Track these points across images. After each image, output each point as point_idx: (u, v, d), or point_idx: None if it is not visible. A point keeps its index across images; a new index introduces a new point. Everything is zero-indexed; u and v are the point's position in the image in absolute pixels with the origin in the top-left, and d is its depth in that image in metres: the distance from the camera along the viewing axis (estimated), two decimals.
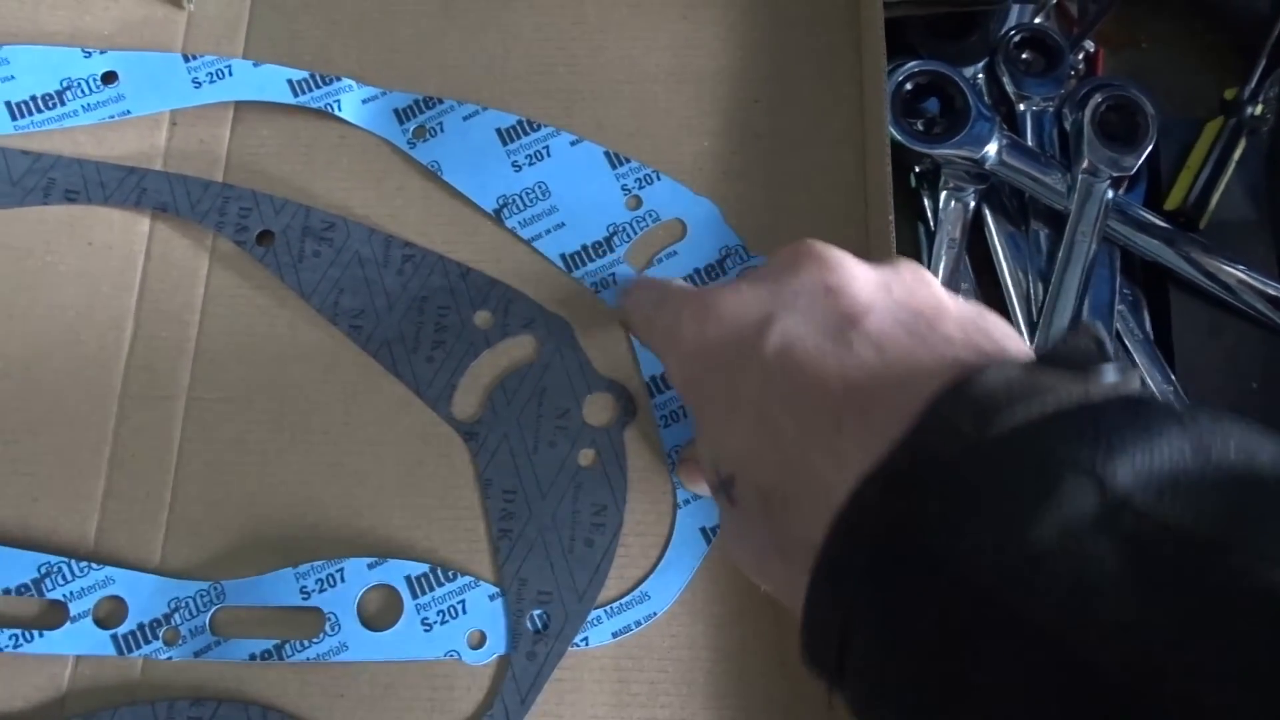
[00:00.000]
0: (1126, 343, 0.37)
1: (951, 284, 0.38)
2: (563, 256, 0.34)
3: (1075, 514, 0.16)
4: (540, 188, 0.35)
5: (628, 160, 0.35)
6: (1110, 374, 0.19)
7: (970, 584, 0.16)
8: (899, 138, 0.37)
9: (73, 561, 0.32)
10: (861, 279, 0.23)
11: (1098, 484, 0.16)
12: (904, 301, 0.22)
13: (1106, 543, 0.15)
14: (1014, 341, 0.22)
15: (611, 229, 0.34)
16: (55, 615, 0.31)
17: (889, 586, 0.18)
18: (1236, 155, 0.38)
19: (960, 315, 0.22)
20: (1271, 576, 0.14)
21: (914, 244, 0.39)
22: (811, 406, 0.21)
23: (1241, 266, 0.37)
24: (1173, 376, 0.37)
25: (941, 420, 0.18)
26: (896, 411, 0.19)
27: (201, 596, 0.32)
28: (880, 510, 0.18)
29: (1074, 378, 0.18)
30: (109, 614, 0.31)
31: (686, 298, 0.26)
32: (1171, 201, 0.38)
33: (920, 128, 0.38)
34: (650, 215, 0.35)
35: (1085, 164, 0.37)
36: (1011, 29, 0.40)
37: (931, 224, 0.39)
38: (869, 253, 0.35)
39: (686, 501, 0.32)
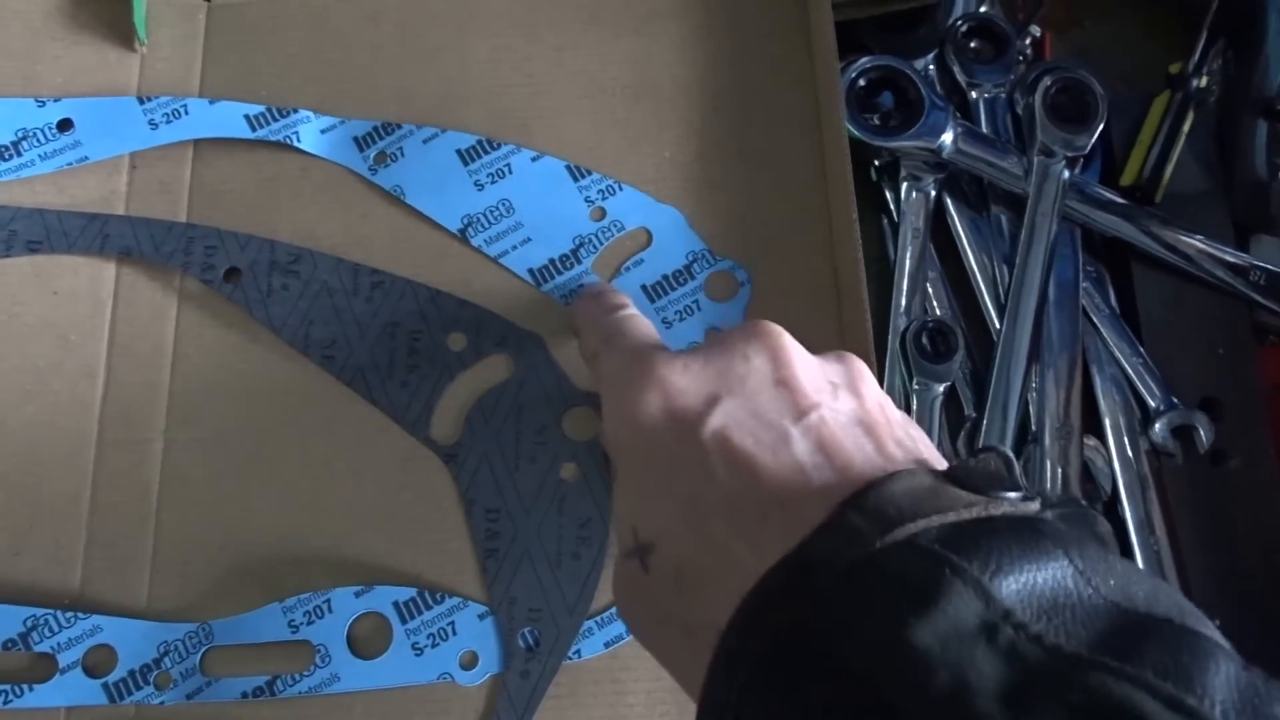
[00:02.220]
0: (1094, 318, 0.37)
1: (918, 273, 0.37)
2: (530, 271, 0.33)
3: (959, 621, 0.17)
4: (504, 205, 0.34)
5: (590, 173, 0.34)
6: (1011, 498, 0.19)
7: (856, 679, 0.17)
8: (856, 133, 0.36)
9: (59, 612, 0.30)
10: (808, 377, 0.23)
11: (984, 596, 0.17)
12: (843, 403, 0.23)
13: (985, 651, 0.16)
14: (932, 455, 0.23)
15: (577, 241, 0.33)
16: (44, 668, 0.30)
17: (781, 676, 0.18)
18: (1186, 128, 0.38)
19: (889, 422, 0.23)
20: (1124, 693, 0.15)
21: (878, 237, 0.39)
22: (742, 498, 0.21)
23: (1200, 237, 0.37)
24: (1141, 348, 0.36)
25: (846, 523, 0.19)
26: (815, 512, 0.19)
27: (190, 638, 0.30)
28: (781, 603, 0.19)
29: (975, 497, 0.19)
30: (98, 663, 0.30)
31: (636, 357, 0.25)
32: (1127, 177, 0.38)
33: (877, 122, 0.38)
34: (615, 225, 0.34)
35: (1040, 146, 0.37)
36: (958, 19, 0.40)
37: (895, 216, 0.38)
38: (836, 250, 0.34)
39: None
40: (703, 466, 0.22)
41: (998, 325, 0.36)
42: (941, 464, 0.22)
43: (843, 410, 0.23)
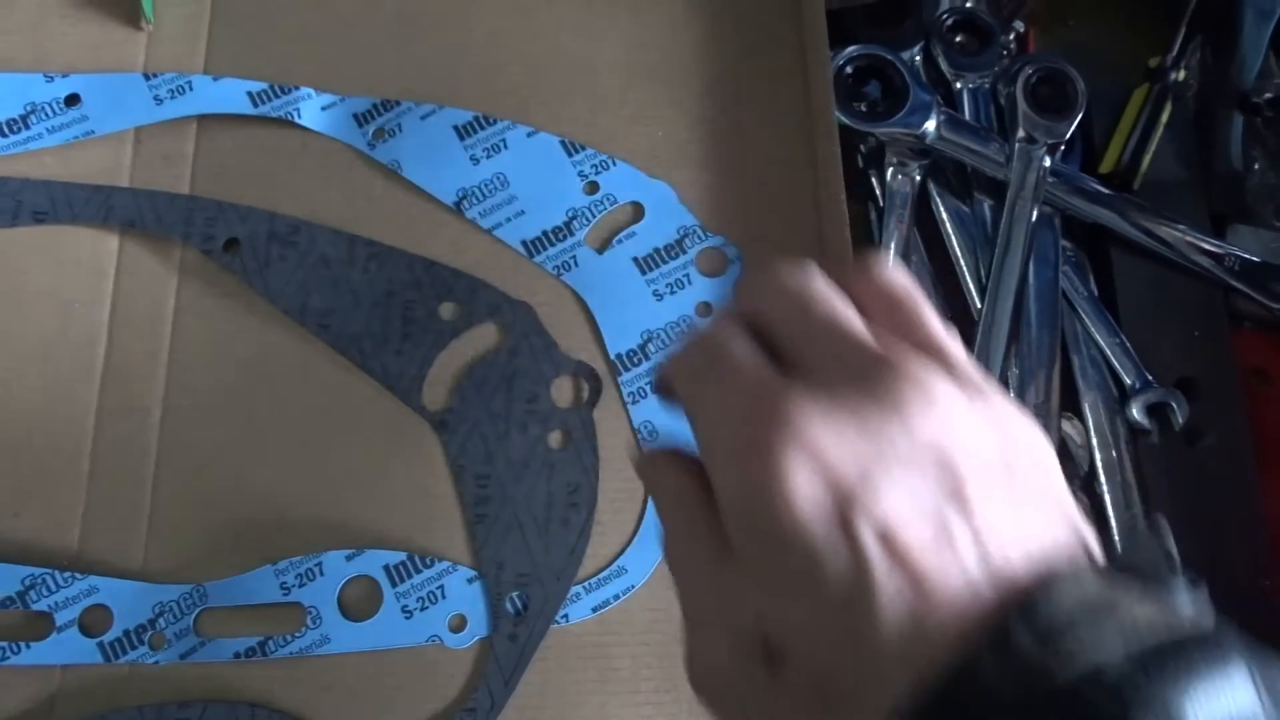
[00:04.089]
0: (1073, 302, 0.36)
1: (902, 257, 0.37)
2: (524, 243, 0.33)
3: None
4: (499, 179, 0.33)
5: (584, 148, 0.34)
6: (1184, 598, 0.17)
7: None
8: (843, 119, 0.36)
9: (56, 572, 0.30)
10: (971, 444, 0.19)
11: None
12: (1003, 476, 0.19)
13: None
14: (1081, 523, 0.19)
15: (570, 214, 0.33)
16: (41, 626, 0.30)
17: None
18: (1164, 118, 0.38)
19: (1039, 486, 0.19)
20: None
21: (864, 222, 0.38)
22: (903, 607, 0.17)
23: (1182, 226, 0.37)
24: (1119, 331, 0.36)
25: (1013, 644, 0.16)
26: (975, 624, 0.17)
27: (185, 599, 0.30)
28: None
29: (1154, 612, 0.17)
30: (94, 622, 0.30)
31: (758, 398, 0.19)
32: (1106, 164, 0.38)
33: (864, 110, 0.38)
34: (608, 199, 0.33)
35: (1021, 133, 0.37)
36: (944, 12, 0.40)
37: (880, 201, 0.38)
38: (823, 230, 0.34)
39: None
40: (860, 566, 0.18)
41: (979, 306, 0.35)
42: (1086, 529, 0.19)
43: (997, 485, 0.18)
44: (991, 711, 0.16)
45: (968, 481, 0.18)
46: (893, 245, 0.37)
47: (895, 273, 0.22)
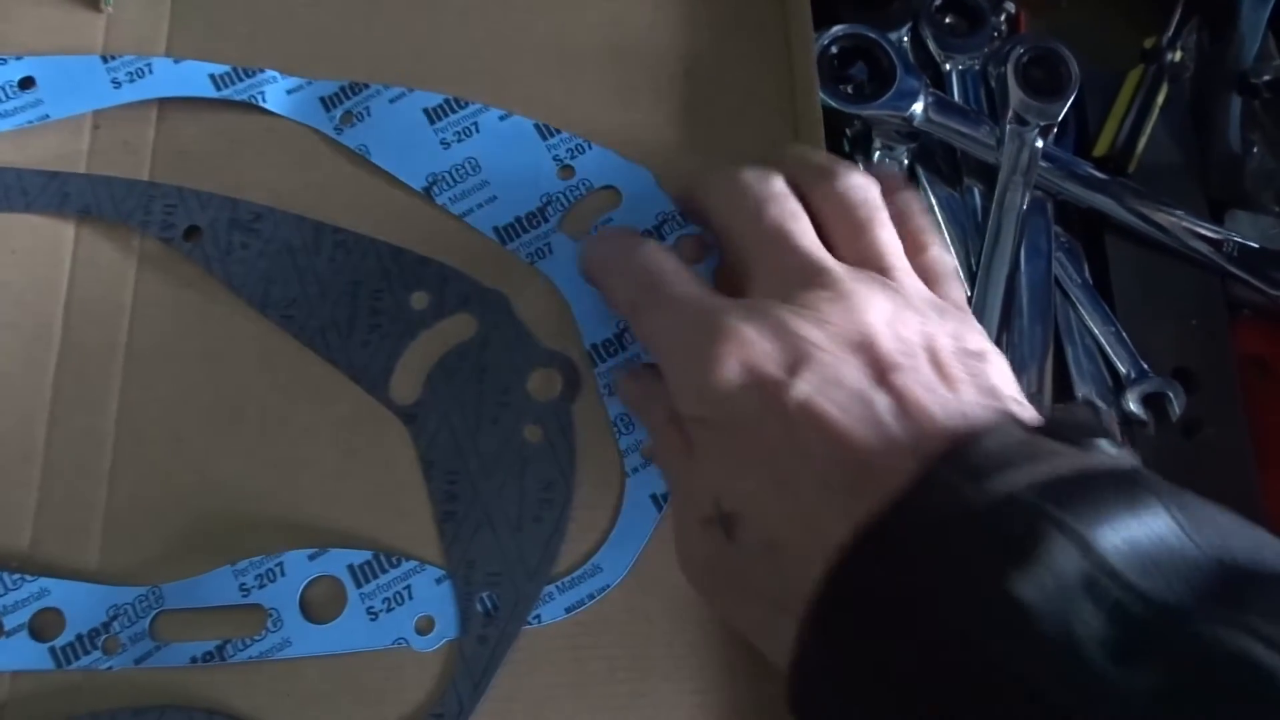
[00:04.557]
0: (1067, 289, 0.35)
1: None
2: (496, 229, 0.32)
3: (1061, 574, 0.16)
4: (470, 163, 0.32)
5: (558, 132, 0.33)
6: (1107, 449, 0.19)
7: (955, 634, 0.16)
8: (829, 100, 0.35)
9: (5, 574, 0.29)
10: (887, 336, 0.22)
11: (1084, 548, 0.16)
12: (923, 360, 0.22)
13: (1089, 606, 0.16)
14: (1017, 401, 0.22)
15: (545, 199, 0.32)
16: None
17: (877, 635, 0.18)
18: (1160, 101, 0.37)
19: (971, 372, 0.22)
20: (1238, 642, 0.15)
21: None
22: (834, 468, 0.20)
23: (1179, 211, 0.36)
24: (1114, 319, 0.35)
25: (939, 480, 0.18)
26: (905, 475, 0.19)
27: (140, 602, 0.29)
28: (874, 563, 0.18)
29: (1071, 448, 0.18)
30: (45, 626, 0.28)
31: (700, 316, 0.23)
32: (1100, 148, 0.36)
33: (850, 92, 0.36)
34: (583, 184, 0.32)
35: (1012, 114, 0.35)
36: None
37: None
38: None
39: (635, 470, 0.30)
40: (790, 437, 0.21)
41: (970, 294, 0.34)
42: (1031, 414, 0.21)
43: (921, 368, 0.21)
44: (914, 535, 0.18)
45: (889, 364, 0.21)
46: None
47: (855, 180, 0.25)
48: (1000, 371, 0.23)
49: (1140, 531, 0.17)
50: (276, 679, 0.28)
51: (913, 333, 0.22)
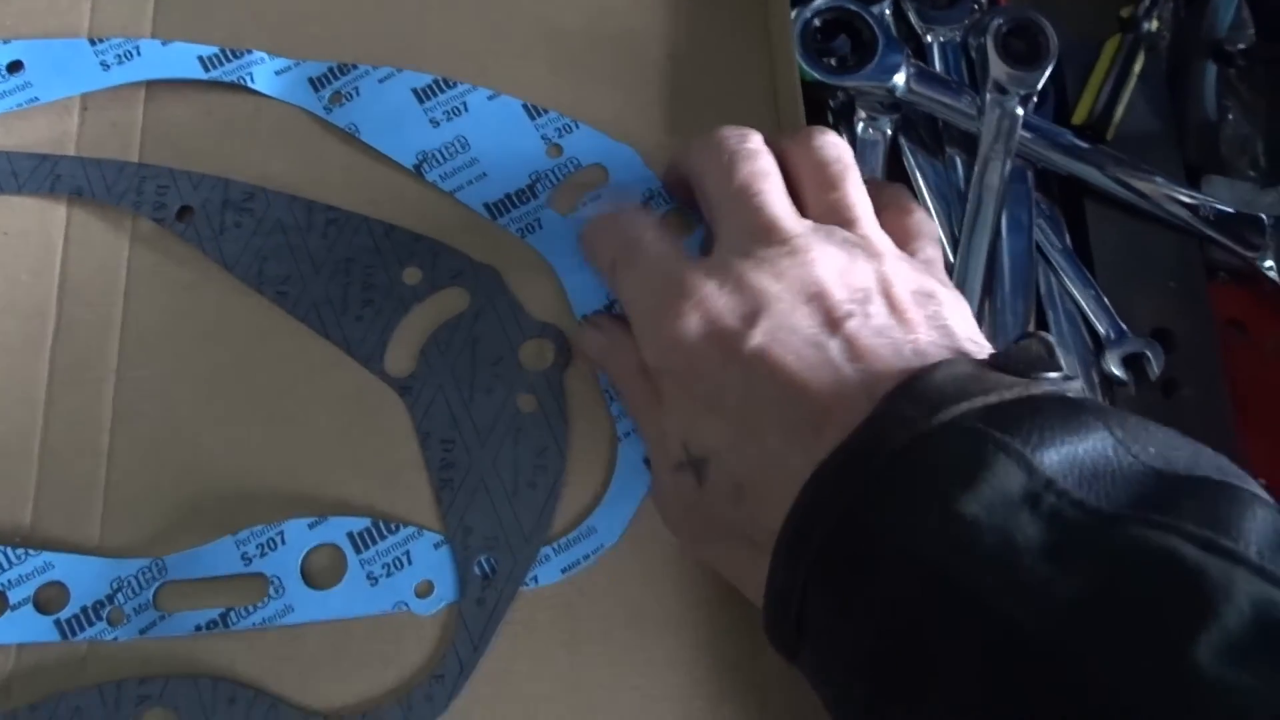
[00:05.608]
0: (1048, 255, 0.36)
1: None
2: (486, 205, 0.32)
3: (1004, 491, 0.17)
4: (460, 141, 0.33)
5: (546, 111, 0.34)
6: (1052, 378, 0.20)
7: (909, 555, 0.18)
8: (812, 73, 0.36)
9: (8, 549, 0.29)
10: (838, 286, 0.23)
11: (1026, 468, 0.17)
12: (875, 305, 0.23)
13: (1029, 516, 0.17)
14: (973, 341, 0.23)
15: (533, 177, 0.33)
16: None
17: (840, 560, 0.19)
18: (1137, 69, 0.38)
19: (927, 314, 0.23)
20: (1162, 540, 0.16)
21: None
22: (791, 412, 0.21)
23: (1157, 178, 0.37)
24: (1094, 282, 0.36)
25: (891, 412, 0.19)
26: (860, 414, 0.20)
27: (143, 574, 0.29)
28: (834, 493, 0.19)
29: (1016, 379, 0.20)
30: (50, 599, 0.29)
31: (666, 275, 0.25)
32: (1078, 116, 0.37)
33: (833, 64, 0.37)
34: (571, 162, 0.33)
35: (991, 84, 0.36)
36: None
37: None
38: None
39: (627, 434, 0.30)
40: (749, 384, 0.22)
41: (952, 260, 0.35)
42: (986, 351, 0.22)
43: (875, 313, 0.23)
44: (870, 467, 0.19)
45: (842, 313, 0.23)
46: None
47: (828, 141, 0.27)
48: (956, 312, 0.24)
49: (1081, 449, 0.18)
50: (279, 645, 0.29)
51: (867, 279, 0.24)
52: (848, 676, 0.19)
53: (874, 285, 0.24)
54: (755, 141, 0.27)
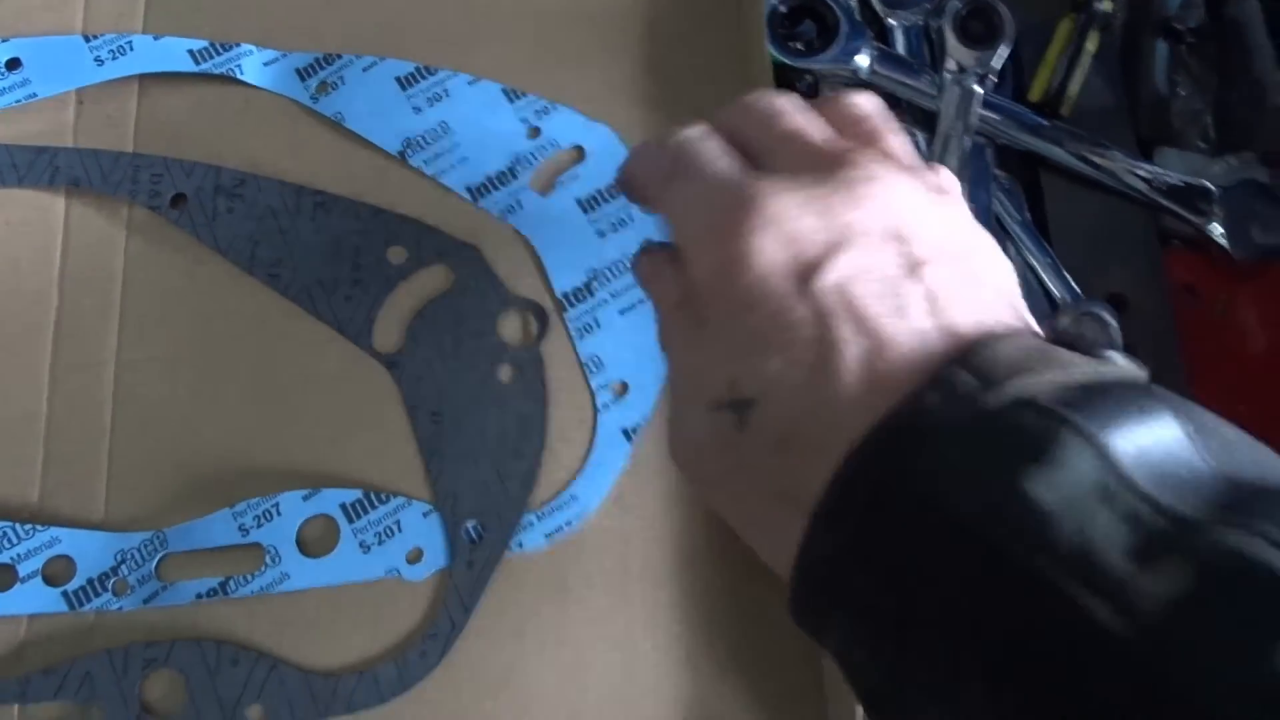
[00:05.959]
0: (1007, 226, 0.38)
1: None
2: (468, 188, 0.34)
3: (1077, 477, 0.16)
4: (442, 126, 0.34)
5: (525, 94, 0.35)
6: (1120, 361, 0.19)
7: (963, 530, 0.16)
8: (779, 56, 0.37)
9: (17, 525, 0.31)
10: (922, 228, 0.21)
11: (1099, 454, 0.16)
12: (949, 261, 0.21)
13: (1106, 512, 0.16)
14: (1026, 314, 0.21)
15: (513, 159, 0.34)
16: (4, 578, 0.30)
17: (885, 529, 0.17)
18: (1091, 47, 0.39)
19: (998, 283, 0.21)
20: (1253, 547, 0.15)
21: None
22: (863, 362, 0.19)
23: (1113, 151, 0.38)
24: (1050, 250, 0.38)
25: (956, 380, 0.18)
26: (929, 372, 0.19)
27: (145, 546, 0.31)
28: (887, 458, 0.18)
29: (1084, 358, 0.18)
30: (58, 572, 0.31)
31: (734, 186, 0.22)
32: (1035, 94, 0.39)
33: (800, 48, 0.39)
34: (550, 143, 0.35)
35: (950, 64, 0.38)
36: None
37: None
38: None
39: (605, 406, 0.32)
40: (824, 325, 0.20)
41: None
42: (1034, 324, 0.21)
43: (949, 268, 0.21)
44: (930, 434, 0.17)
45: (921, 258, 0.20)
46: None
47: (863, 96, 0.24)
48: (1009, 276, 0.22)
49: (1151, 441, 0.17)
50: (278, 611, 0.30)
51: (943, 227, 0.21)
52: (882, 655, 0.18)
53: (948, 237, 0.21)
54: (790, 97, 0.24)
